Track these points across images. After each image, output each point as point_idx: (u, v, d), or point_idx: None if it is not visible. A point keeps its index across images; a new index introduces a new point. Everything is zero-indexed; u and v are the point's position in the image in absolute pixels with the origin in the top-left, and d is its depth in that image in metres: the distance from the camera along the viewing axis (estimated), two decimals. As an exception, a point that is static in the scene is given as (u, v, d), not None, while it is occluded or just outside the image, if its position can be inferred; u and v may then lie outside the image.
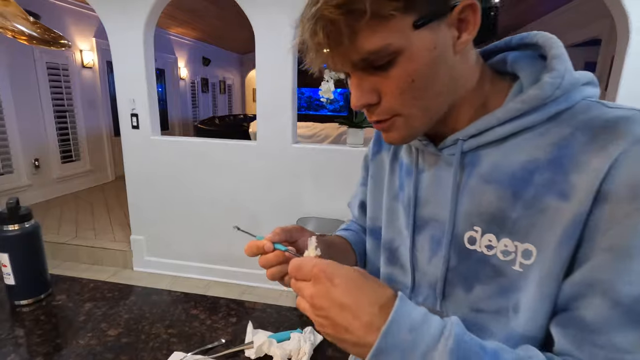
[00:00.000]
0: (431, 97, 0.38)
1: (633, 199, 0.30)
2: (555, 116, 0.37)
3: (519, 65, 0.41)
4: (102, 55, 4.70)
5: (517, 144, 0.38)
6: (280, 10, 2.21)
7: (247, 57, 8.65)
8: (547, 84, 0.36)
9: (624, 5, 1.86)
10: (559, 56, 0.38)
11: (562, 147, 0.35)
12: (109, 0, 2.40)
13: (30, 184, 3.92)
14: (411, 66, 0.35)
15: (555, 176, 0.35)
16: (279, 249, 0.45)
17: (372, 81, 0.38)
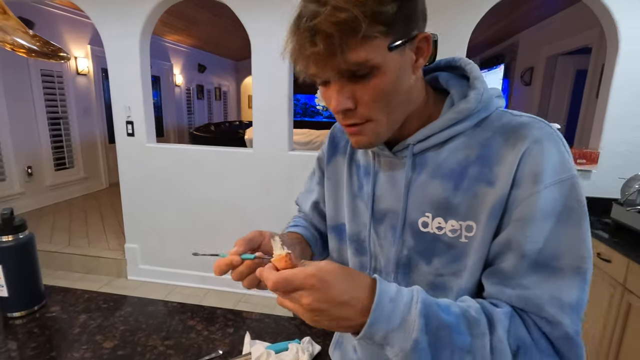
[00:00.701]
0: (395, 107, 0.47)
1: (533, 183, 0.42)
2: (479, 123, 0.48)
3: (450, 83, 0.53)
4: (97, 62, 4.69)
5: (453, 147, 0.49)
6: (276, 18, 2.23)
7: (242, 63, 8.67)
8: (473, 99, 0.48)
9: (613, 15, 1.90)
10: (478, 78, 0.50)
11: (486, 147, 0.47)
12: (105, 9, 2.40)
13: (23, 191, 3.87)
14: (384, 80, 0.43)
15: (483, 169, 0.46)
16: (247, 259, 0.47)
17: (351, 89, 0.44)
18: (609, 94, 1.99)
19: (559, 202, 0.42)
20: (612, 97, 1.99)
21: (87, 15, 2.44)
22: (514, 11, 3.66)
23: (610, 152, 2.05)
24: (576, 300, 0.41)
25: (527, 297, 0.42)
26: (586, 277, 0.42)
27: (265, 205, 2.49)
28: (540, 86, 4.00)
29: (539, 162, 0.43)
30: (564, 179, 0.42)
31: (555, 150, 0.43)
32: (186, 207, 2.62)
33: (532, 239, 0.42)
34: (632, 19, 1.89)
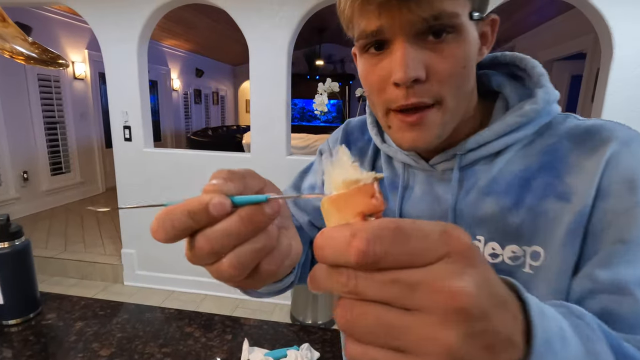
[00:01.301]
0: (465, 95, 0.39)
1: (630, 193, 0.33)
2: (539, 130, 0.40)
3: (499, 82, 0.44)
4: (94, 66, 4.69)
5: (509, 157, 0.41)
6: (274, 22, 2.24)
7: (239, 68, 8.70)
8: (541, 99, 0.39)
9: (607, 21, 1.92)
10: (544, 75, 0.41)
11: (551, 153, 0.39)
12: (103, 14, 2.41)
13: (19, 196, 3.84)
14: (465, 48, 0.35)
15: (551, 180, 0.37)
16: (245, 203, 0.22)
17: (425, 56, 0.35)
18: (604, 98, 2.01)
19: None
20: (607, 102, 2.01)
21: (85, 20, 2.44)
22: (510, 17, 3.70)
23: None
24: None
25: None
26: None
27: (263, 210, 2.48)
28: (536, 91, 4.04)
29: (633, 167, 0.34)
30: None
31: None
32: (183, 212, 2.61)
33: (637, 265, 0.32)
34: (625, 25, 1.91)
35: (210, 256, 0.23)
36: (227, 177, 0.24)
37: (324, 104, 2.06)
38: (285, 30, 2.25)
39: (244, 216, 0.22)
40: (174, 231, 0.23)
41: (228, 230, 0.22)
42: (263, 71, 2.32)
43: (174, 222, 0.22)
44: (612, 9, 1.91)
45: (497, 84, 0.44)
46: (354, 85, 7.41)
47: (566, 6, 2.64)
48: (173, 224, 0.22)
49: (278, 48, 2.27)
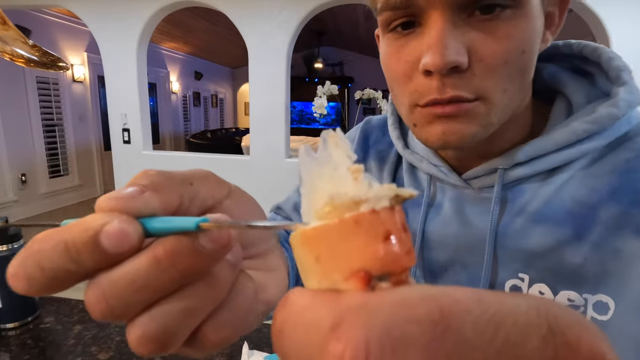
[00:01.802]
0: (520, 88, 0.30)
1: None
2: (612, 143, 0.31)
3: (561, 80, 0.34)
4: (93, 69, 4.69)
5: (568, 176, 0.31)
6: (273, 25, 2.25)
7: (238, 71, 8.72)
8: (624, 100, 0.29)
9: (604, 25, 1.94)
10: (626, 68, 0.32)
11: (627, 174, 0.29)
12: (102, 17, 2.41)
13: (16, 199, 3.83)
14: (526, 29, 0.27)
15: (628, 209, 0.28)
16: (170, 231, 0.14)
17: (469, 36, 0.27)
18: (602, 101, 2.03)
19: None
20: (605, 105, 2.02)
21: (85, 23, 2.45)
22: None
23: None
24: None
25: None
26: None
27: (262, 212, 2.48)
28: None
29: None
30: None
31: None
32: (182, 214, 2.61)
33: None
34: (622, 28, 1.93)
35: (110, 317, 0.14)
36: (151, 183, 0.16)
37: (324, 107, 2.07)
38: (285, 34, 2.26)
39: (164, 254, 0.13)
40: (41, 278, 0.13)
41: (135, 279, 0.13)
42: (262, 74, 2.33)
43: (42, 262, 0.13)
44: (610, 12, 1.93)
45: (556, 80, 0.35)
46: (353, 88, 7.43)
47: (564, 10, 2.65)
48: (41, 266, 0.13)
49: (277, 51, 2.28)
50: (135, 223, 0.13)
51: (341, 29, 5.49)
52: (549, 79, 0.35)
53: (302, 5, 2.21)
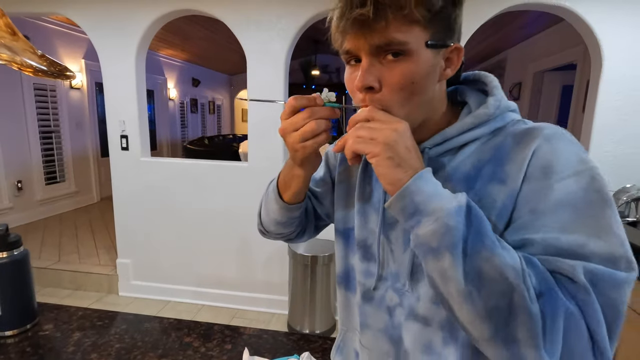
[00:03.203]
0: (416, 105, 0.47)
1: (545, 177, 0.43)
2: (494, 132, 0.49)
3: (466, 94, 0.55)
4: (90, 76, 4.70)
5: (468, 152, 0.50)
6: (272, 34, 2.27)
7: (236, 78, 8.75)
8: (491, 105, 0.49)
9: (596, 34, 1.98)
10: (497, 86, 0.52)
11: (499, 149, 0.48)
12: (102, 25, 2.43)
13: (12, 206, 3.80)
14: (414, 69, 0.44)
15: (495, 168, 0.47)
16: (331, 106, 0.47)
17: (379, 70, 0.45)
18: (595, 108, 2.06)
19: (576, 195, 0.41)
20: (597, 112, 2.06)
21: (84, 31, 2.46)
22: (500, 29, 3.78)
23: (598, 165, 2.10)
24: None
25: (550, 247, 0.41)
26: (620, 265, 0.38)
27: (260, 219, 2.48)
28: (528, 101, 4.11)
29: (550, 157, 0.43)
30: (581, 171, 0.42)
31: (566, 147, 0.44)
32: (180, 221, 2.60)
33: (544, 228, 0.41)
34: (614, 37, 1.97)
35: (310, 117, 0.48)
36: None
37: (321, 114, 2.08)
38: (283, 42, 2.28)
39: (328, 108, 0.48)
40: (296, 103, 0.48)
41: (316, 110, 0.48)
42: (261, 81, 2.35)
43: (302, 99, 0.48)
44: (601, 22, 1.97)
45: (464, 95, 0.55)
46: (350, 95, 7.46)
47: (556, 19, 2.71)
48: (299, 100, 0.49)
49: (275, 59, 2.30)
50: (321, 99, 0.49)
51: (338, 37, 5.53)
52: (460, 94, 0.56)
53: (300, 14, 2.24)
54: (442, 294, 0.41)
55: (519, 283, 0.37)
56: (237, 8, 2.28)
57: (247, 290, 2.60)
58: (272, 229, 0.67)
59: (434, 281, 0.41)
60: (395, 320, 0.55)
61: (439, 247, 0.39)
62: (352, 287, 0.62)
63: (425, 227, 0.40)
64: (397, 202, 0.42)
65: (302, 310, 2.27)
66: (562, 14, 2.10)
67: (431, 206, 0.40)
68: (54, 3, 2.43)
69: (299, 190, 0.60)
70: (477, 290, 0.38)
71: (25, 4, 2.45)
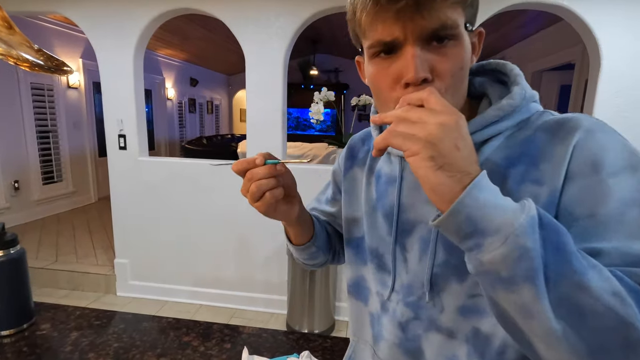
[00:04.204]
0: (461, 94, 0.44)
1: (594, 173, 0.37)
2: (519, 124, 0.45)
3: (485, 86, 0.50)
4: (88, 75, 4.68)
5: (492, 147, 0.45)
6: (271, 32, 2.27)
7: (234, 77, 8.74)
8: (517, 94, 0.45)
9: (594, 33, 1.98)
10: (520, 75, 0.47)
11: (528, 144, 0.43)
12: (100, 24, 2.42)
13: (9, 206, 3.78)
14: (463, 54, 0.41)
15: (527, 167, 0.41)
16: (271, 163, 0.46)
17: (429, 58, 0.40)
18: (594, 107, 2.06)
19: (638, 190, 0.35)
20: (596, 111, 2.06)
21: (82, 30, 2.45)
22: (499, 29, 3.79)
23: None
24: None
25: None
26: None
27: (258, 219, 2.46)
28: (526, 100, 4.11)
29: (597, 151, 0.38)
30: (634, 164, 0.37)
31: (612, 138, 0.39)
32: (178, 221, 2.59)
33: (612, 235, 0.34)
34: (612, 36, 1.98)
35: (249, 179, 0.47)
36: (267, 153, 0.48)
37: (320, 113, 2.08)
38: (282, 41, 2.28)
39: (267, 166, 0.46)
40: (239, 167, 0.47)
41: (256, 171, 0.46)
42: (259, 81, 2.34)
43: (242, 164, 0.47)
44: (600, 21, 1.97)
45: (482, 87, 0.50)
46: (349, 95, 7.49)
47: (554, 18, 2.72)
48: (241, 165, 0.47)
49: (274, 58, 2.30)
50: (262, 158, 0.47)
51: (336, 37, 5.54)
52: (478, 86, 0.51)
53: (298, 12, 2.23)
54: (520, 330, 0.33)
55: (633, 313, 0.29)
56: (235, 6, 2.27)
57: (245, 290, 2.59)
58: (306, 264, 0.67)
59: (506, 313, 0.33)
60: (410, 334, 0.51)
61: (512, 276, 0.30)
62: (363, 297, 0.59)
63: (491, 251, 0.31)
64: (451, 220, 0.32)
65: (301, 310, 2.27)
66: (561, 13, 2.10)
67: (495, 222, 0.31)
68: (53, 2, 2.42)
69: (297, 233, 0.60)
70: (573, 329, 0.29)
71: (23, 2, 2.44)
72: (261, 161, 0.47)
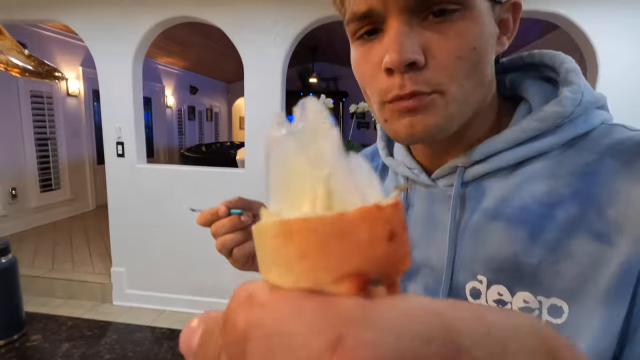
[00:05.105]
0: (477, 84, 0.31)
1: None
2: (572, 141, 0.31)
3: (524, 85, 0.36)
4: (88, 83, 4.69)
5: (530, 173, 0.31)
6: (269, 39, 2.28)
7: (234, 85, 8.78)
8: (568, 98, 0.31)
9: (591, 41, 1.99)
10: (574, 70, 0.33)
11: (588, 176, 0.29)
12: (100, 32, 2.43)
13: (6, 214, 3.76)
14: (476, 29, 0.29)
15: (585, 212, 0.28)
16: (234, 214, 0.40)
17: (424, 37, 0.29)
18: (592, 115, 2.06)
19: None
20: (594, 118, 2.06)
21: (81, 38, 2.46)
22: (497, 37, 3.81)
23: None
24: None
25: None
26: None
27: (257, 226, 2.46)
28: (524, 108, 4.13)
29: None
30: None
31: None
32: (176, 228, 2.57)
33: None
34: (609, 44, 1.99)
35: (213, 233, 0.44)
36: (234, 199, 0.45)
37: (319, 120, 2.08)
38: (280, 48, 2.28)
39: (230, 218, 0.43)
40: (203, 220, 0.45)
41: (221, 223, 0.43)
42: (258, 88, 2.35)
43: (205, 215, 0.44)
44: (596, 29, 1.98)
45: (518, 87, 0.37)
46: (347, 102, 7.52)
47: (551, 26, 2.74)
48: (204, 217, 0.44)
49: (273, 65, 2.31)
50: (225, 209, 0.44)
51: (335, 45, 5.59)
52: (511, 86, 0.38)
53: (297, 20, 2.25)
54: None
55: None
56: (234, 15, 2.28)
57: (243, 298, 2.56)
58: None
59: None
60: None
61: None
62: None
63: None
64: None
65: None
66: (558, 22, 2.12)
67: None
68: (53, 10, 2.43)
69: None
70: None
71: (23, 11, 2.45)
72: (224, 212, 0.42)
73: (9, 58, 0.48)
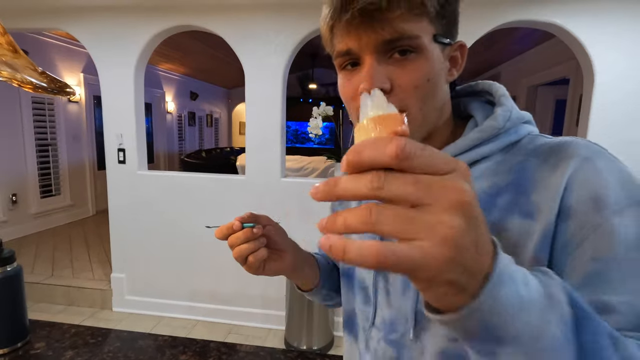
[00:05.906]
0: (432, 107, 0.41)
1: (595, 210, 0.33)
2: (507, 148, 0.42)
3: (472, 107, 0.48)
4: (89, 89, 4.72)
5: (477, 173, 0.42)
6: (270, 49, 2.31)
7: (234, 91, 8.82)
8: (500, 116, 0.42)
9: (587, 50, 2.02)
10: (505, 95, 0.45)
11: (519, 171, 0.39)
12: (102, 40, 2.46)
13: (6, 220, 3.76)
14: (428, 66, 0.39)
15: (517, 197, 0.38)
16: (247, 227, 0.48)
17: (388, 70, 0.39)
18: (588, 122, 2.09)
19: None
20: (591, 125, 2.08)
21: (83, 45, 2.49)
22: (494, 45, 3.86)
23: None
24: None
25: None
26: None
27: (257, 232, 2.46)
28: (523, 114, 4.16)
29: (597, 183, 0.33)
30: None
31: (612, 168, 0.35)
32: (176, 234, 2.58)
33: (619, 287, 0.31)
34: (605, 52, 2.02)
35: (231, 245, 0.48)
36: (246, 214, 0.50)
37: (319, 127, 2.10)
38: (281, 57, 2.31)
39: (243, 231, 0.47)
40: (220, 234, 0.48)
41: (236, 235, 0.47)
42: (259, 95, 2.37)
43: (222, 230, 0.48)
44: (592, 38, 2.01)
45: (469, 108, 0.48)
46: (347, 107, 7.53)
47: (548, 35, 2.77)
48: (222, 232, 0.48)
49: (273, 73, 2.33)
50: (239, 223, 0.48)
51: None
52: (464, 108, 0.49)
53: (298, 29, 2.28)
54: None
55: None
56: (236, 24, 2.31)
57: (243, 305, 2.56)
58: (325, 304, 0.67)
59: None
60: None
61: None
62: (354, 332, 0.56)
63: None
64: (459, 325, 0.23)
65: (300, 326, 2.24)
66: (554, 31, 2.15)
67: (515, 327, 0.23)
68: (55, 19, 2.46)
69: (300, 281, 0.60)
70: None
71: (26, 19, 2.48)
72: (238, 226, 0.47)
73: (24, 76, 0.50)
